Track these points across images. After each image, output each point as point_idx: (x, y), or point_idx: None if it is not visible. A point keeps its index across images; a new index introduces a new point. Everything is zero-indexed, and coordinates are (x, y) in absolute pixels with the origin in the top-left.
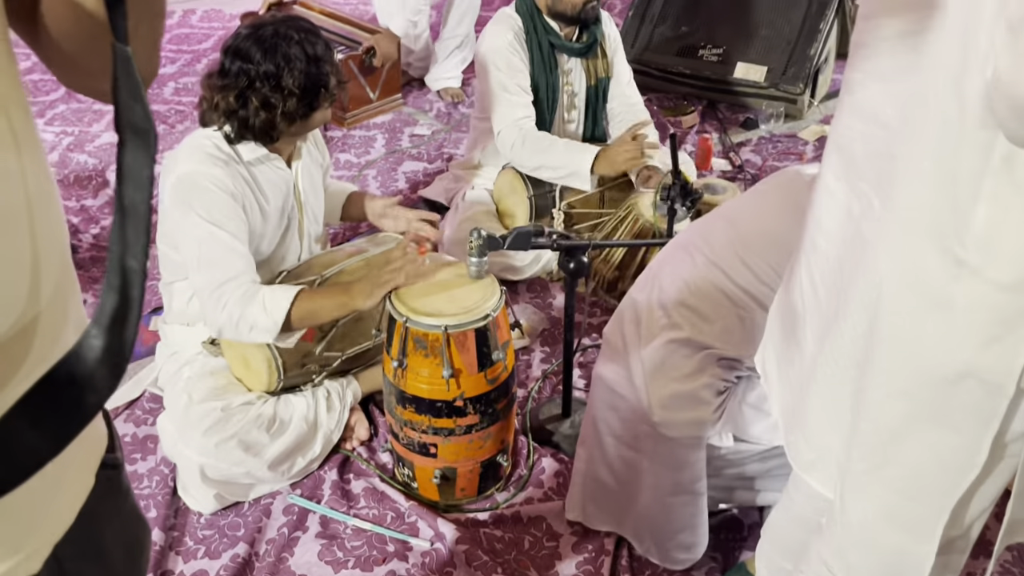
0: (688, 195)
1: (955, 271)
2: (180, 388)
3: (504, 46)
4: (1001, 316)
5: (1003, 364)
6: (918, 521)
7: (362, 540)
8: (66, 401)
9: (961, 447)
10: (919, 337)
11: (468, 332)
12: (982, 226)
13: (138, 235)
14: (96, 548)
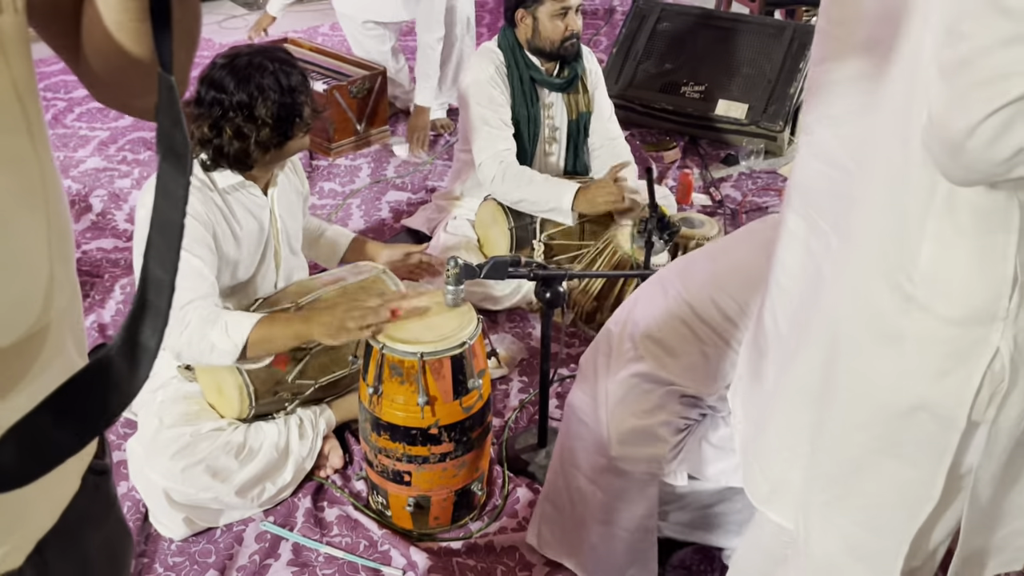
0: (666, 228)
1: (905, 306)
2: (152, 412)
3: (486, 80)
4: (950, 350)
5: (953, 397)
6: (878, 553)
7: (334, 568)
8: (91, 401)
9: (917, 480)
10: (874, 371)
11: (444, 360)
12: (928, 263)
13: (169, 248)
14: (81, 552)
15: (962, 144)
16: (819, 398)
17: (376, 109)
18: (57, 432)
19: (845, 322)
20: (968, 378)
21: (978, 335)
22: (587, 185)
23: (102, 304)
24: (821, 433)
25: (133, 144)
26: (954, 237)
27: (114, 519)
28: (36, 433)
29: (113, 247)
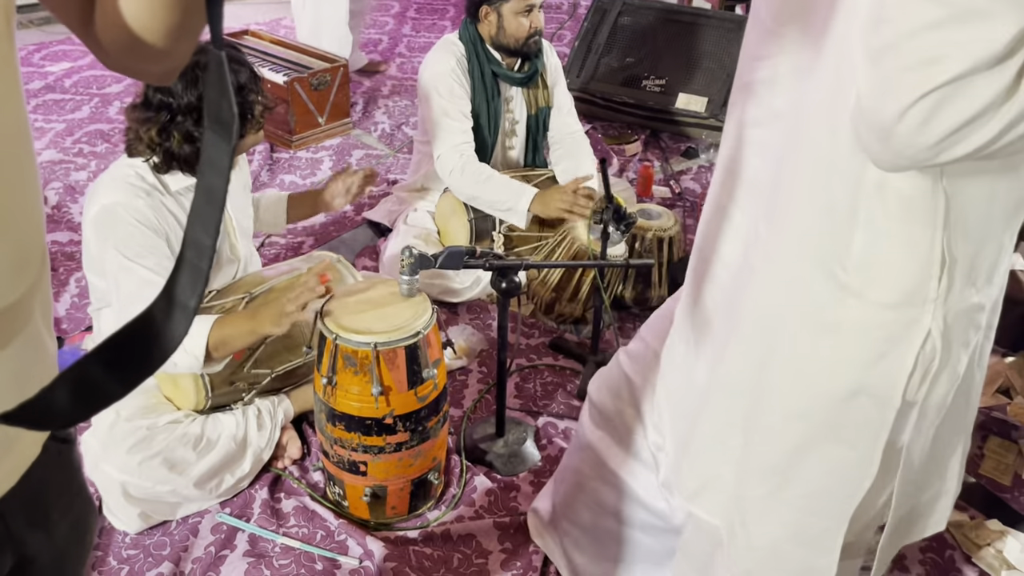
0: (622, 219)
1: (839, 295)
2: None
3: (446, 72)
4: (886, 334)
5: (889, 379)
6: (820, 535)
7: (290, 558)
8: (135, 353)
9: (855, 460)
10: (811, 360)
11: (398, 349)
12: (860, 251)
13: (212, 215)
14: (42, 517)
15: (891, 129)
16: (752, 390)
17: (338, 101)
18: (105, 380)
19: (779, 314)
20: (902, 359)
21: (911, 317)
22: (544, 191)
23: (56, 297)
24: (756, 425)
25: (90, 136)
26: (884, 224)
27: (77, 489)
28: (87, 380)
29: (68, 240)
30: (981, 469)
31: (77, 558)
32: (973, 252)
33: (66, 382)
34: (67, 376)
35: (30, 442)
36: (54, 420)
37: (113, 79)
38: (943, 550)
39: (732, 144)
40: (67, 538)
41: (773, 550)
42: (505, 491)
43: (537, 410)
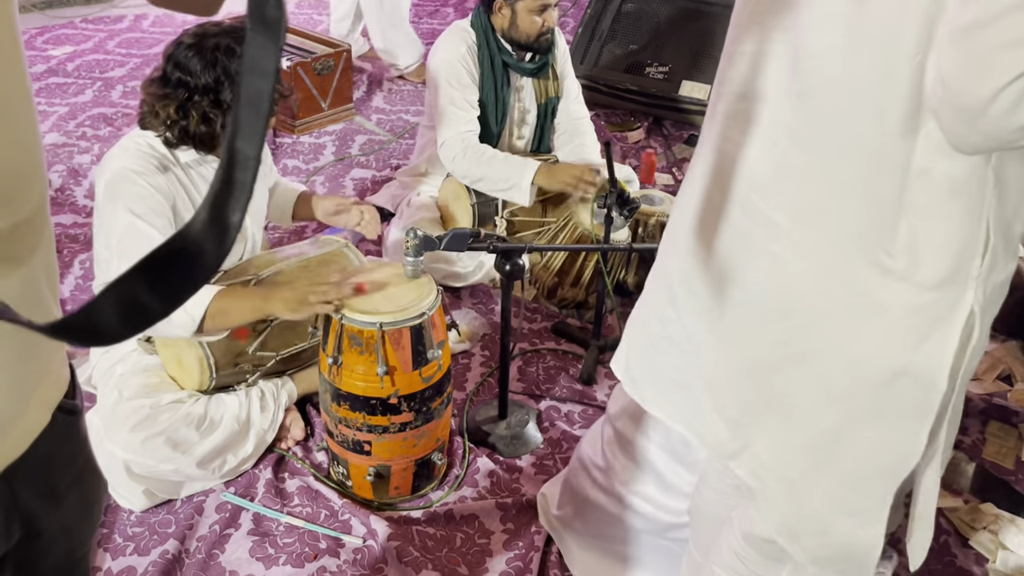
0: (626, 204)
1: (883, 280)
2: (112, 384)
3: (456, 59)
4: (931, 314)
5: (934, 360)
6: (865, 510)
7: (294, 537)
8: (177, 272)
9: (900, 443)
10: (853, 344)
11: (403, 330)
12: (906, 235)
13: (255, 121)
14: (50, 489)
15: (983, 110)
16: (789, 369)
17: (341, 87)
18: (148, 298)
19: (817, 302)
20: (947, 339)
21: (955, 296)
22: (550, 164)
23: (61, 279)
24: (795, 403)
25: (93, 120)
26: (932, 207)
27: (85, 461)
28: (131, 297)
29: (72, 223)
30: (984, 453)
31: (85, 531)
32: (1006, 227)
33: (110, 297)
34: (111, 291)
35: (39, 410)
36: (101, 335)
37: (116, 63)
38: (938, 535)
39: (725, 125)
40: (75, 511)
41: (820, 518)
42: (508, 473)
43: (539, 393)
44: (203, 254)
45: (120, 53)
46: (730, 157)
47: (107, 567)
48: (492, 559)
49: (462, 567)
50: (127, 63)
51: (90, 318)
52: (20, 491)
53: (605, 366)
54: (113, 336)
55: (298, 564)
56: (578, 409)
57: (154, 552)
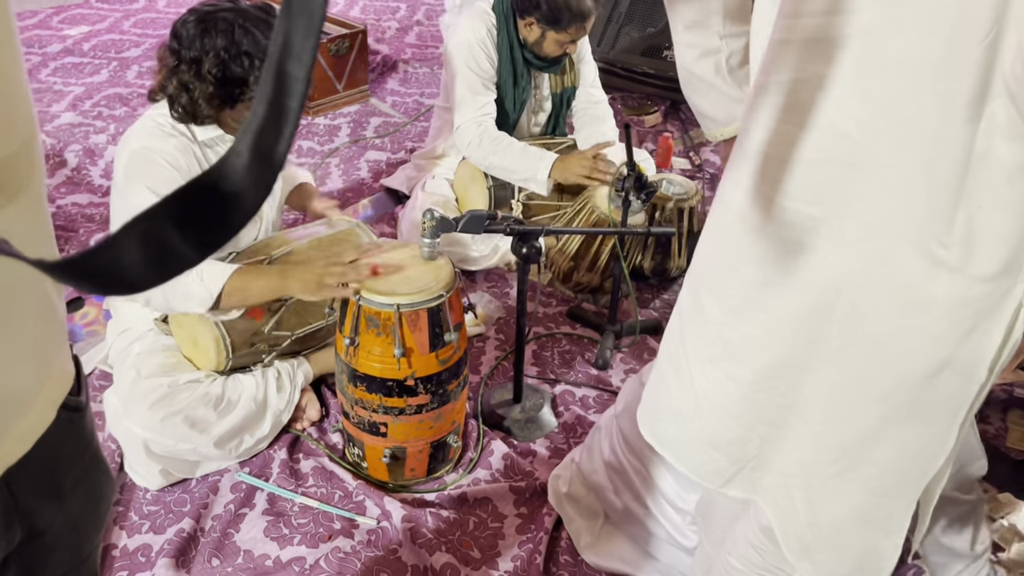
0: (643, 188)
1: (933, 271)
2: (129, 364)
3: (475, 42)
4: (980, 307)
5: (977, 352)
6: (888, 516)
7: (308, 517)
8: (209, 210)
9: (932, 437)
10: (899, 339)
11: (421, 312)
12: (962, 225)
13: (306, 38)
14: (55, 487)
15: None
16: (806, 375)
17: (356, 68)
18: (177, 240)
19: (857, 294)
20: (991, 331)
21: (1005, 288)
22: (564, 156)
23: None
24: (825, 405)
25: (109, 100)
26: (991, 194)
27: (91, 458)
28: (156, 236)
29: (88, 202)
30: (1008, 442)
31: (91, 527)
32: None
33: (133, 233)
34: (134, 227)
35: (43, 409)
36: (122, 278)
37: (131, 43)
38: None
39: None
40: (81, 507)
41: (837, 528)
42: (521, 456)
43: (554, 378)
44: (242, 194)
45: (135, 33)
46: (771, 148)
47: (123, 544)
48: (504, 542)
49: (474, 550)
50: (142, 43)
51: (110, 257)
52: (21, 493)
53: (620, 351)
54: (136, 281)
55: (312, 544)
56: (593, 394)
57: (170, 530)
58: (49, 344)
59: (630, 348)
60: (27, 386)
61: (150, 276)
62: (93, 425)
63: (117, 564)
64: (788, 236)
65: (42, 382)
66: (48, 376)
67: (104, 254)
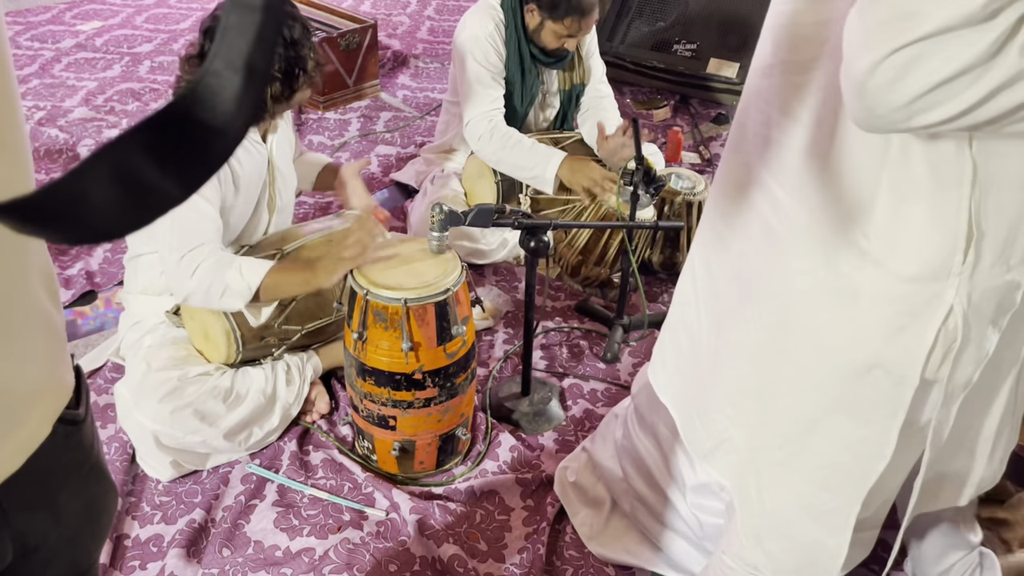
0: (651, 182)
1: (860, 263)
2: (140, 356)
3: (483, 37)
4: (905, 307)
5: (908, 355)
6: (832, 512)
7: (318, 509)
8: (187, 136)
9: (871, 437)
10: (829, 330)
11: (428, 306)
12: (883, 218)
13: None
14: (49, 503)
15: (863, 83)
16: (769, 356)
17: (366, 63)
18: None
19: (799, 281)
20: (922, 336)
21: (932, 292)
22: (573, 158)
23: (89, 252)
24: (773, 392)
25: (121, 95)
26: (909, 190)
27: (90, 469)
28: (129, 169)
29: None
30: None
31: (91, 540)
32: (1008, 227)
33: (102, 166)
34: (101, 158)
35: (38, 424)
36: (95, 219)
37: (143, 39)
38: None
39: (744, 99)
40: (79, 521)
41: (784, 518)
42: (529, 449)
43: (563, 371)
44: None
45: (148, 28)
46: (751, 133)
47: (135, 535)
48: (511, 534)
49: (481, 543)
50: (154, 38)
51: (75, 193)
52: (12, 510)
53: (629, 345)
54: (110, 224)
55: (322, 535)
56: (601, 387)
57: (181, 521)
58: (43, 354)
59: (639, 342)
60: (18, 400)
61: (128, 218)
62: (94, 435)
63: (129, 554)
64: (762, 219)
65: (36, 395)
66: (43, 389)
67: (67, 190)
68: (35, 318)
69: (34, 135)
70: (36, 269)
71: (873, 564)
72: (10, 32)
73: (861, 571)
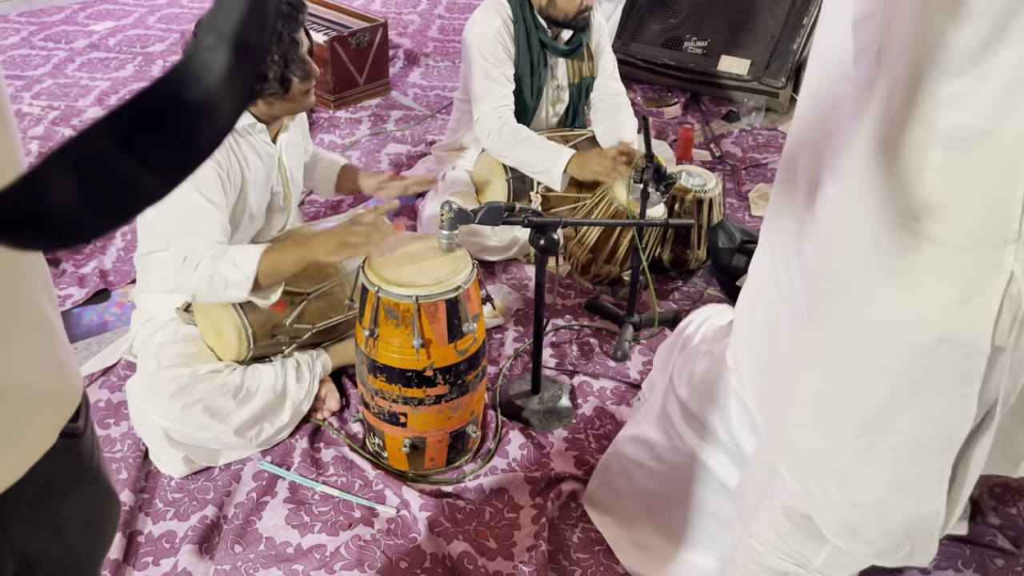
0: (662, 180)
1: (913, 241)
2: (151, 353)
3: (491, 34)
4: (964, 278)
5: (976, 325)
6: (924, 482)
7: (329, 506)
8: (174, 129)
9: (950, 408)
10: (890, 312)
11: (439, 303)
12: (931, 193)
13: None
14: (50, 516)
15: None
16: (833, 352)
17: (377, 61)
18: (130, 167)
19: (848, 269)
20: (987, 304)
21: (991, 260)
22: (583, 152)
23: (103, 250)
24: (839, 385)
25: None
26: (958, 163)
27: (90, 480)
28: (97, 160)
29: None
30: None
31: (93, 551)
32: None
33: (64, 164)
34: (65, 154)
35: (40, 435)
36: (57, 220)
37: (156, 38)
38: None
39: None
40: (80, 534)
41: (878, 503)
42: (539, 448)
43: (573, 369)
44: (216, 99)
45: (160, 28)
46: (802, 132)
47: (148, 531)
48: (520, 532)
49: (490, 540)
50: (167, 38)
51: (30, 195)
52: (11, 524)
53: (639, 343)
54: (74, 224)
55: (333, 532)
56: (611, 385)
57: (193, 517)
58: (47, 361)
59: (648, 340)
60: (22, 408)
61: (97, 217)
62: (94, 445)
63: (142, 550)
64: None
65: (40, 404)
66: (48, 397)
67: (20, 193)
68: (36, 324)
69: (48, 135)
70: (36, 274)
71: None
72: (24, 32)
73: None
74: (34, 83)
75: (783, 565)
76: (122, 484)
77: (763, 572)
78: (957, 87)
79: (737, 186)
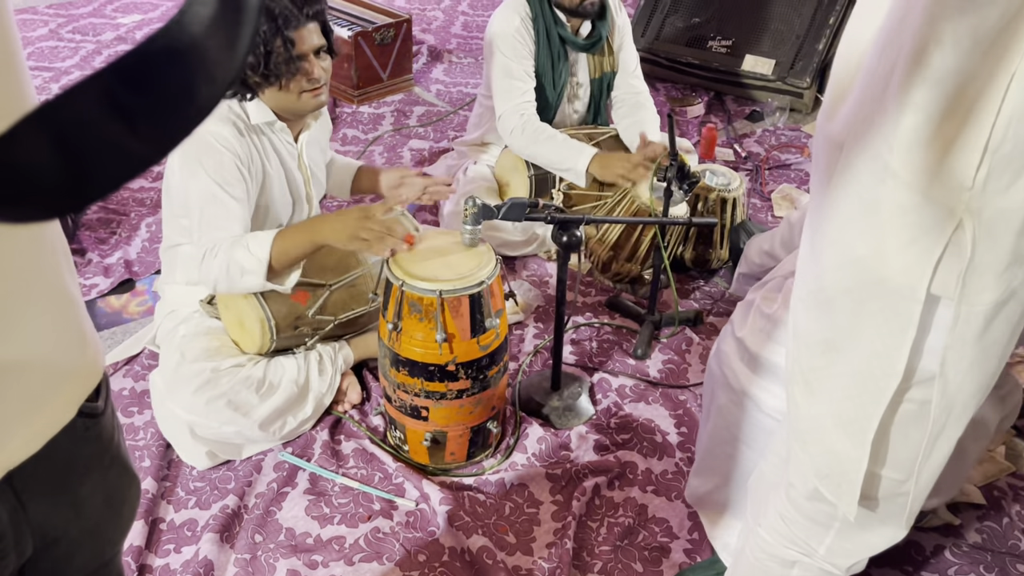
0: (685, 178)
1: (882, 175)
2: (174, 346)
3: (511, 31)
4: (917, 219)
5: (915, 268)
6: (852, 423)
7: (349, 498)
8: (168, 86)
9: (883, 352)
10: (856, 240)
11: (462, 298)
12: (907, 132)
13: None
14: (69, 495)
15: None
16: (810, 265)
17: (400, 57)
18: (117, 130)
19: (829, 195)
20: (930, 248)
21: (943, 205)
22: (606, 153)
23: (128, 241)
24: (818, 298)
25: None
26: (937, 105)
27: (111, 462)
28: (84, 125)
29: (139, 187)
30: None
31: (113, 531)
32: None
33: (44, 125)
34: (45, 114)
35: (61, 407)
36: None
37: None
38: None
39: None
40: (100, 513)
41: (820, 422)
42: (558, 444)
43: (593, 366)
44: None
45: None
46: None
47: (170, 519)
48: (539, 528)
49: (509, 535)
50: None
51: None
52: (30, 501)
53: (659, 341)
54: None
55: (352, 524)
56: (630, 383)
57: (215, 506)
58: (65, 339)
59: (669, 339)
60: (37, 384)
61: (80, 184)
62: (114, 427)
63: (164, 537)
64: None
65: (58, 379)
66: (68, 372)
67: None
68: (57, 297)
69: None
70: (57, 248)
71: (907, 566)
72: (52, 24)
73: (894, 572)
74: (62, 75)
75: (790, 554)
76: (144, 472)
77: (771, 562)
78: (962, 27)
79: (760, 186)
